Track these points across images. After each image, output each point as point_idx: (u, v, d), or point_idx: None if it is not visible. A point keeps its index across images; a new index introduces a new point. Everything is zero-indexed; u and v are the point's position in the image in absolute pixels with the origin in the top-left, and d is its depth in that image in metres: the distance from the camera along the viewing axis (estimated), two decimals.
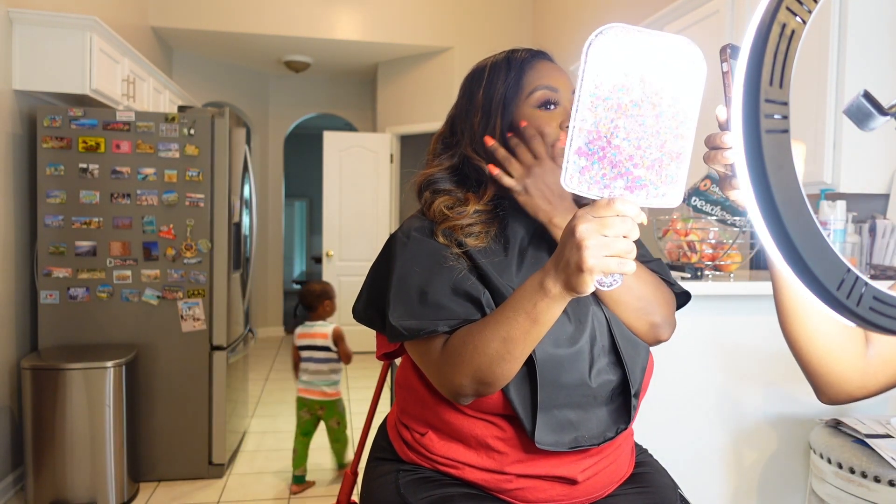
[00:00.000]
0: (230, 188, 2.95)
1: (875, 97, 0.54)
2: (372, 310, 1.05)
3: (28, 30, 2.77)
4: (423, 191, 1.08)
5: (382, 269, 1.03)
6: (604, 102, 0.66)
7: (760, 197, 0.44)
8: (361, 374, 5.04)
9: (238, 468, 3.11)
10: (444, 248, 0.98)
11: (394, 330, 0.94)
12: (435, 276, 0.95)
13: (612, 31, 0.65)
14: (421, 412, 1.06)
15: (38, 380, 2.52)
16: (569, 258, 0.72)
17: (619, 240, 0.70)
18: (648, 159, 0.69)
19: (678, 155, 0.70)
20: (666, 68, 0.67)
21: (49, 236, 2.75)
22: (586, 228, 0.70)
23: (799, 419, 1.83)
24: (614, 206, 0.69)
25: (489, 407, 0.96)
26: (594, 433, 0.97)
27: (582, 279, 0.72)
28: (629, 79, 0.66)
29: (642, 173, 0.69)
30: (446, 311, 0.92)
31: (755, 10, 0.45)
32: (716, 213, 1.78)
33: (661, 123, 0.68)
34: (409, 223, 1.05)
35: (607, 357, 0.98)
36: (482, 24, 5.23)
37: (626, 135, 0.67)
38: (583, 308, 0.99)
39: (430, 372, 0.95)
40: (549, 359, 0.93)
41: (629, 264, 0.71)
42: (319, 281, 3.17)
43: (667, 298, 1.05)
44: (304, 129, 7.76)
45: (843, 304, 0.44)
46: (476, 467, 1.00)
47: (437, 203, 1.03)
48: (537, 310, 0.80)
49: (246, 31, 4.99)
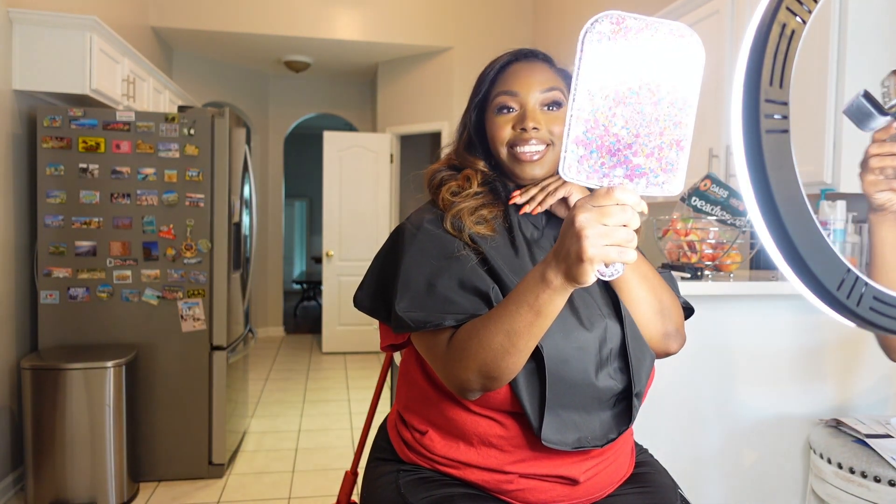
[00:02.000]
0: (230, 188, 2.95)
1: (875, 97, 0.54)
2: (377, 299, 1.05)
3: (28, 30, 2.77)
4: (431, 180, 1.12)
5: (390, 259, 1.04)
6: (601, 91, 0.66)
7: (760, 197, 0.44)
8: (361, 374, 5.05)
9: (238, 468, 3.11)
10: (454, 239, 0.99)
11: (399, 321, 0.94)
12: (444, 269, 0.95)
13: (607, 19, 0.65)
14: (423, 408, 1.06)
15: (38, 380, 2.52)
16: (569, 248, 0.72)
17: (619, 229, 0.69)
18: (647, 147, 0.68)
19: (678, 143, 0.69)
20: (663, 55, 0.66)
21: (49, 236, 2.75)
22: (586, 218, 0.69)
23: (799, 419, 1.83)
24: (614, 194, 0.68)
25: (496, 403, 0.96)
26: (597, 434, 0.97)
27: (583, 269, 0.71)
28: (626, 66, 0.66)
29: (641, 161, 0.69)
30: (454, 305, 0.92)
31: (755, 10, 0.45)
32: (716, 213, 1.78)
33: (659, 111, 0.67)
34: (420, 214, 1.06)
35: (616, 362, 0.98)
36: (482, 24, 5.22)
37: (625, 123, 0.67)
38: (593, 312, 0.99)
39: (436, 366, 0.95)
40: (557, 355, 0.93)
41: (630, 253, 0.70)
42: None
43: (679, 311, 1.08)
44: (304, 129, 7.76)
45: (843, 304, 0.44)
46: (477, 467, 1.00)
47: (444, 190, 1.06)
48: (540, 302, 0.79)
49: (246, 31, 4.99)
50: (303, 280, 8.89)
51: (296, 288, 9.58)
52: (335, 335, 5.78)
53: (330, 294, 5.77)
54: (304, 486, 2.92)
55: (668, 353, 1.07)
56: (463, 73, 5.18)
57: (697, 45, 0.67)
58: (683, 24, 0.68)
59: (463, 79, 5.17)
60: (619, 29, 0.65)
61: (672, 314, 1.05)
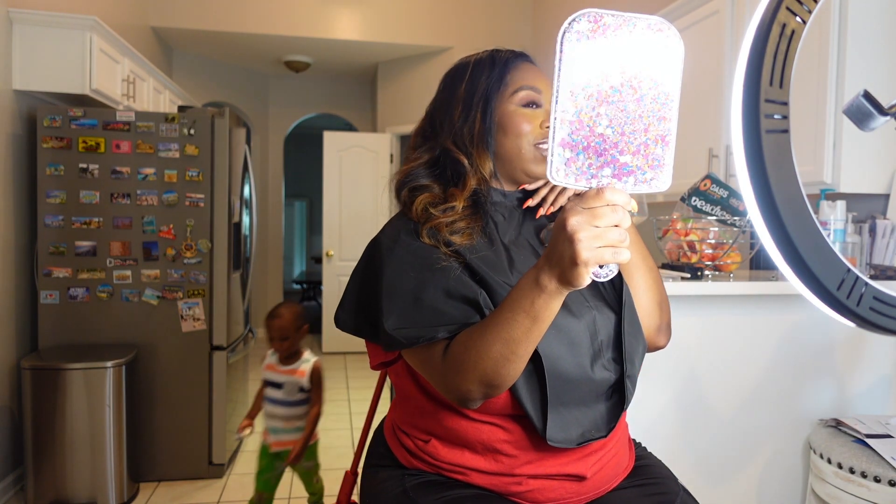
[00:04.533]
0: (230, 188, 2.95)
1: (875, 97, 0.54)
2: (360, 318, 1.01)
3: (28, 30, 2.77)
4: (400, 190, 1.06)
5: (369, 276, 1.00)
6: (583, 91, 0.65)
7: (760, 197, 0.44)
8: (361, 374, 5.05)
9: (238, 468, 3.11)
10: (433, 249, 0.96)
11: (390, 339, 0.91)
12: (428, 281, 0.92)
13: (584, 18, 0.64)
14: (421, 421, 1.04)
15: (38, 380, 2.52)
16: (562, 252, 0.71)
17: (612, 229, 0.68)
18: (633, 145, 0.68)
19: (663, 138, 0.68)
20: (643, 50, 0.66)
21: (49, 236, 2.75)
22: (577, 221, 0.69)
23: (799, 419, 1.83)
24: (604, 195, 0.68)
25: (497, 408, 0.96)
26: (599, 425, 0.98)
27: (577, 272, 0.70)
28: (607, 64, 0.65)
29: (628, 159, 0.68)
30: (444, 316, 0.90)
31: (755, 10, 0.45)
32: (716, 213, 1.78)
33: (643, 107, 0.67)
34: (394, 226, 1.02)
35: (609, 353, 0.99)
36: (482, 24, 5.22)
37: (609, 122, 0.66)
38: (580, 303, 0.99)
39: (434, 380, 0.93)
40: (553, 353, 0.93)
41: (623, 253, 0.69)
42: (287, 303, 2.38)
43: (669, 307, 1.11)
44: (304, 129, 7.76)
45: (843, 304, 0.44)
46: (484, 472, 0.99)
47: (419, 201, 1.01)
48: (535, 307, 0.78)
49: (246, 31, 4.99)
50: (303, 280, 8.88)
51: (296, 288, 9.57)
52: (335, 335, 5.77)
53: (330, 294, 5.76)
54: None
55: (658, 347, 1.09)
56: None
57: (676, 39, 0.67)
58: (661, 17, 0.67)
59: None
60: (598, 27, 0.64)
61: (666, 309, 1.09)
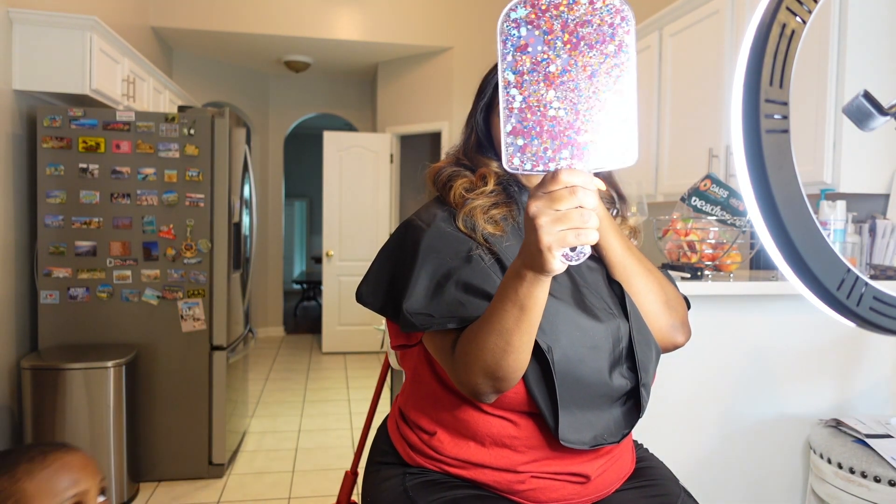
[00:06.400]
0: (230, 188, 2.95)
1: (875, 97, 0.54)
2: (385, 297, 1.03)
3: (28, 30, 2.76)
4: (438, 179, 1.08)
5: (398, 256, 1.02)
6: (529, 77, 0.65)
7: (760, 197, 0.44)
8: (361, 374, 5.05)
9: (238, 468, 3.11)
10: (467, 239, 0.98)
11: (406, 319, 0.94)
12: (455, 270, 0.94)
13: (521, 5, 0.64)
14: (432, 409, 1.05)
15: (38, 380, 2.52)
16: (530, 239, 0.71)
17: (573, 211, 0.68)
18: (591, 122, 0.67)
19: (621, 111, 0.67)
20: (587, 26, 0.65)
21: (49, 236, 2.75)
22: (537, 206, 0.68)
23: (799, 419, 1.83)
24: (560, 178, 0.67)
25: (512, 404, 0.96)
26: (612, 431, 0.98)
27: (543, 259, 0.70)
28: (550, 47, 0.64)
29: (587, 138, 0.67)
30: (459, 308, 0.91)
31: (755, 10, 0.45)
32: (716, 213, 1.78)
33: (596, 83, 0.66)
34: (430, 210, 1.04)
35: (627, 361, 0.99)
36: (482, 24, 5.22)
37: (561, 104, 0.66)
38: (603, 308, 0.99)
39: (448, 370, 0.94)
40: (574, 355, 0.93)
41: (590, 234, 0.69)
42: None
43: (683, 305, 1.09)
44: (304, 129, 7.76)
45: (843, 304, 0.44)
46: (488, 467, 0.99)
47: (458, 185, 1.03)
48: (520, 296, 0.79)
49: (246, 31, 4.99)
50: (303, 280, 8.88)
51: (296, 288, 9.57)
52: (335, 335, 5.78)
53: (330, 294, 5.77)
54: (304, 486, 2.92)
55: (676, 345, 1.08)
56: (463, 73, 5.18)
57: (623, 7, 0.66)
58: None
59: (463, 79, 5.17)
60: (535, 11, 0.64)
61: (677, 307, 1.07)
